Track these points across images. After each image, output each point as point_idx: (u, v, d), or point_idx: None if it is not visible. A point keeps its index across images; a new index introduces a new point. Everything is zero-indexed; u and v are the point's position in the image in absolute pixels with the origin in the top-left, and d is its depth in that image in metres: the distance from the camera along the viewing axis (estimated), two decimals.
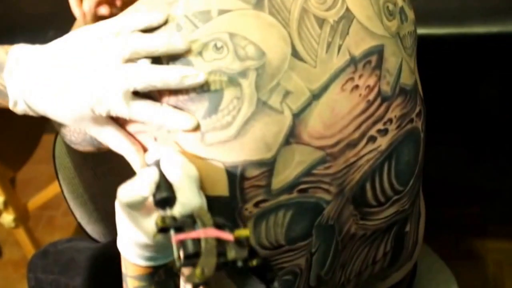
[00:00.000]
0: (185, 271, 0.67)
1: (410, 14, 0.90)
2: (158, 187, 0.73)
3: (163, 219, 0.67)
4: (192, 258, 0.66)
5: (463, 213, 1.99)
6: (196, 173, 0.77)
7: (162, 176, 0.74)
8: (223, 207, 0.81)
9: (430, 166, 0.95)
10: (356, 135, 0.84)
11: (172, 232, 0.68)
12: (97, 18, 1.11)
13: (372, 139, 0.86)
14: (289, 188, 0.81)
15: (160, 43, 0.76)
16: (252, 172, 0.79)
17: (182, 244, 0.67)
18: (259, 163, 0.79)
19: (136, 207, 0.74)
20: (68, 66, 0.78)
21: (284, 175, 0.81)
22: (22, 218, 1.90)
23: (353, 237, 0.92)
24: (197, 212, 0.70)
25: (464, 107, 1.95)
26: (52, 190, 1.99)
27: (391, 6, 0.86)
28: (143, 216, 0.74)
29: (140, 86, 0.76)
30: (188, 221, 0.69)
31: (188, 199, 0.73)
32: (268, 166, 0.79)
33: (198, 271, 0.64)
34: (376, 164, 0.87)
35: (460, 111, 1.96)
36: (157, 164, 0.76)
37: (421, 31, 0.97)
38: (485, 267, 1.88)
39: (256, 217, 0.82)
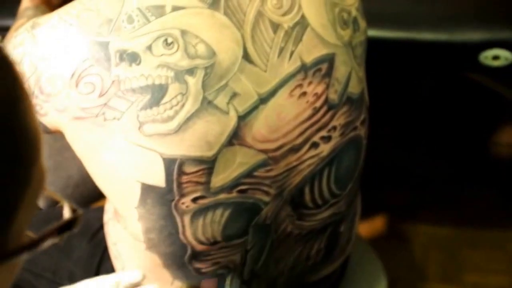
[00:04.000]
0: None
1: (362, 24, 0.83)
2: None
3: None
4: None
5: (394, 197, 1.93)
6: None
7: None
8: (160, 197, 0.73)
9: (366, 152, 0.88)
10: (300, 140, 0.76)
11: None
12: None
13: (315, 145, 0.78)
14: (229, 188, 0.73)
15: None
16: (191, 168, 0.71)
17: None
18: (199, 160, 0.71)
19: None
20: None
21: (224, 175, 0.73)
22: None
23: (288, 236, 0.84)
24: None
25: (401, 102, 1.91)
26: None
27: (345, 15, 0.79)
28: None
29: None
30: None
31: None
32: (208, 164, 0.71)
33: None
34: (316, 169, 0.79)
35: (396, 105, 1.91)
36: None
37: (371, 33, 0.89)
38: (412, 249, 1.84)
39: (193, 212, 0.74)
